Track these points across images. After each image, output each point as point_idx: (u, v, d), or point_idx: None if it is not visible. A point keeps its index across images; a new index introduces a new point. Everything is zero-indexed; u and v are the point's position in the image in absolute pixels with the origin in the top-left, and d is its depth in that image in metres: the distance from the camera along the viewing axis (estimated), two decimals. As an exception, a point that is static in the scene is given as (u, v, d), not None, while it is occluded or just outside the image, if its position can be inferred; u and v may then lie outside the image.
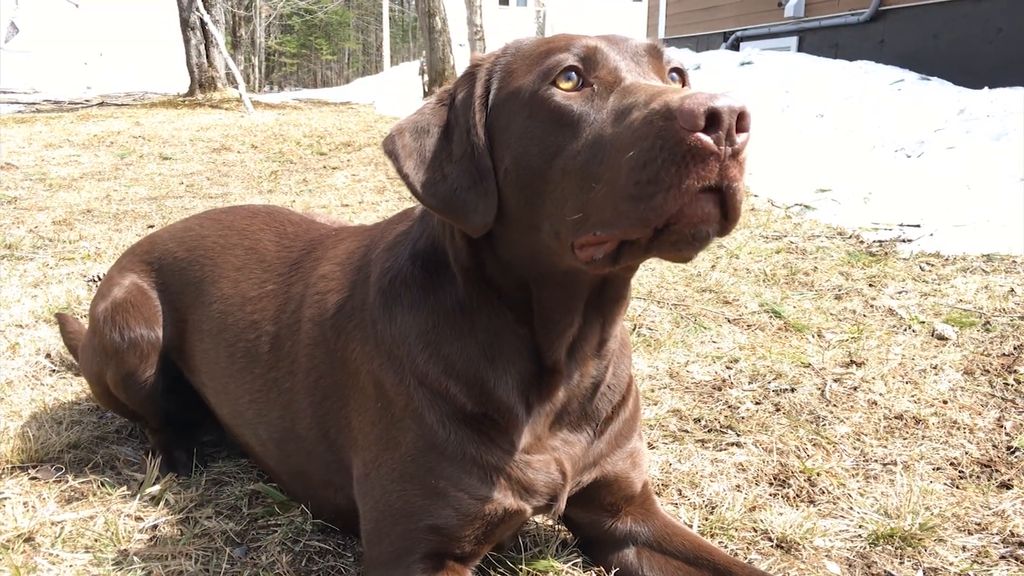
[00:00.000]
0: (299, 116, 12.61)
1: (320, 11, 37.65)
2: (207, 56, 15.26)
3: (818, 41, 10.95)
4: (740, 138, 0.96)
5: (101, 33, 26.23)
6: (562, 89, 1.13)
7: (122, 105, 15.63)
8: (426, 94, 19.21)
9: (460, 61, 20.16)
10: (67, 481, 1.72)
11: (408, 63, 28.45)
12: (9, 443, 1.84)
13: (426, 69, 19.48)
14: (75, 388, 2.24)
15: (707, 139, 0.93)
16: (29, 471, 1.76)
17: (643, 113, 1.00)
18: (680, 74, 1.24)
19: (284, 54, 42.76)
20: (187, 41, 14.98)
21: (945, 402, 2.27)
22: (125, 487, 1.72)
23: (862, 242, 4.36)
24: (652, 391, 2.32)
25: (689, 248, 1.01)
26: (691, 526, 1.61)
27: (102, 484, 1.72)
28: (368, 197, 5.82)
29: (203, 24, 14.89)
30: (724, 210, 0.98)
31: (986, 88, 6.84)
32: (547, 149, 1.11)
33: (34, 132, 10.18)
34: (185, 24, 14.94)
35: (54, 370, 2.41)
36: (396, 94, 21.60)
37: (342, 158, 8.01)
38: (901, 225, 4.52)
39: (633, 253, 1.04)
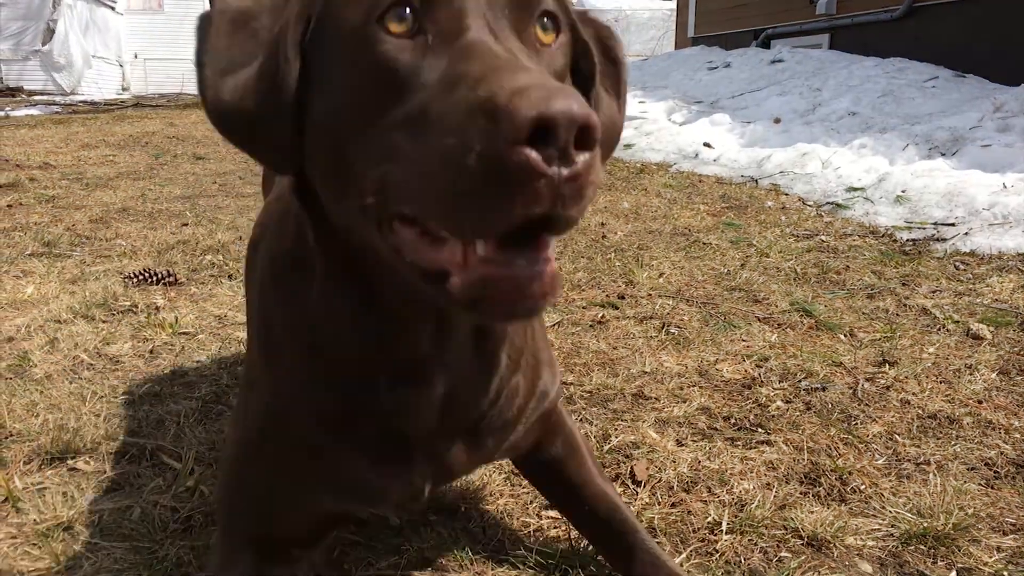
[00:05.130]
0: (329, 116, 12.71)
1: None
2: (239, 57, 15.46)
3: (850, 38, 10.82)
4: (580, 158, 0.74)
5: (136, 35, 26.63)
6: (391, 33, 0.88)
7: (156, 106, 15.89)
8: (455, 94, 19.24)
9: (489, 61, 20.21)
10: (105, 472, 1.76)
11: (437, 63, 28.64)
12: (49, 435, 1.88)
13: (455, 69, 19.53)
14: (112, 382, 2.28)
15: (535, 157, 0.72)
16: (68, 461, 1.80)
17: (468, 99, 0.77)
18: (555, 20, 0.98)
19: (314, 55, 43.07)
20: (219, 43, 15.20)
21: (980, 402, 2.24)
22: (161, 479, 1.75)
23: (895, 241, 4.31)
24: (681, 389, 2.31)
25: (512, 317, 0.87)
26: (720, 523, 1.61)
27: (138, 475, 1.75)
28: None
29: (235, 26, 15.07)
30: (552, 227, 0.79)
31: (1023, 85, 6.72)
32: (366, 108, 0.89)
33: (71, 133, 10.36)
34: (218, 26, 15.15)
35: (91, 365, 2.45)
36: (425, 94, 21.68)
37: (371, 158, 8.07)
38: (935, 224, 4.46)
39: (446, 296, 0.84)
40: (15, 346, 2.65)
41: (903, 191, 4.99)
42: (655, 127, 8.06)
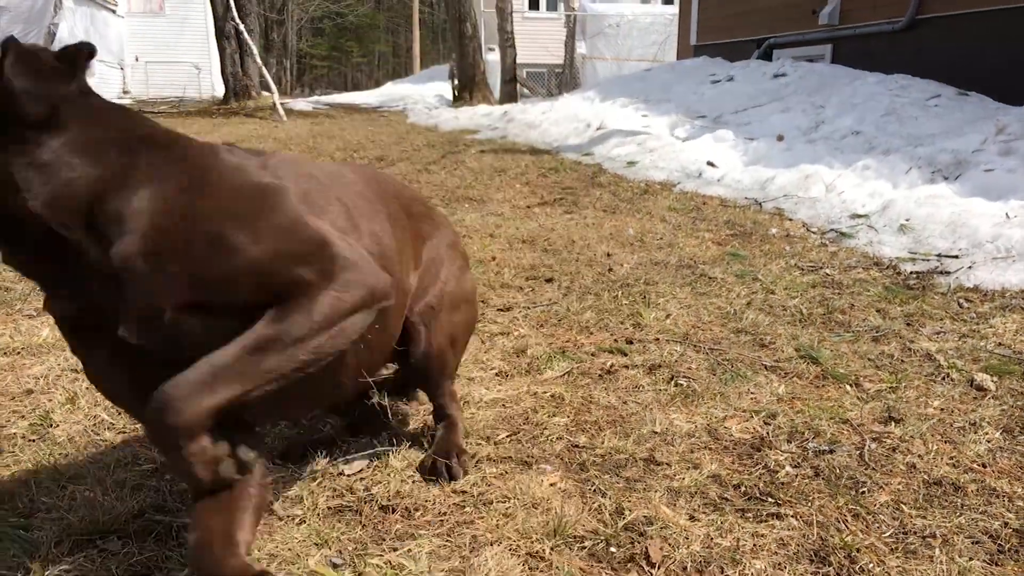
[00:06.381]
0: (332, 126, 12.75)
1: (351, 14, 37.99)
2: (242, 65, 15.51)
3: (853, 49, 10.85)
4: None
5: (137, 38, 26.63)
6: None
7: (159, 114, 15.91)
8: (455, 98, 19.33)
9: (491, 66, 20.26)
10: (134, 554, 1.80)
11: (439, 66, 28.69)
12: (77, 512, 1.93)
13: (456, 74, 19.60)
14: (133, 447, 2.33)
15: None
16: (97, 543, 1.85)
17: None
18: None
19: (315, 57, 43.17)
20: (222, 50, 15.25)
21: (984, 465, 2.29)
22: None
23: (899, 273, 4.35)
24: (691, 452, 2.36)
25: None
26: (734, 610, 1.66)
27: (166, 558, 1.80)
28: (403, 220, 5.87)
29: (238, 33, 15.12)
30: None
31: (1025, 105, 6.74)
32: None
33: (76, 145, 10.36)
34: (220, 33, 15.19)
35: (111, 424, 2.50)
36: (427, 98, 21.76)
37: (376, 174, 8.10)
38: (939, 256, 4.50)
39: None
40: (35, 400, 2.70)
41: (907, 220, 5.03)
42: (659, 143, 8.11)
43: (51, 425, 2.48)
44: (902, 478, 2.22)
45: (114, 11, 25.82)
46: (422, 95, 22.42)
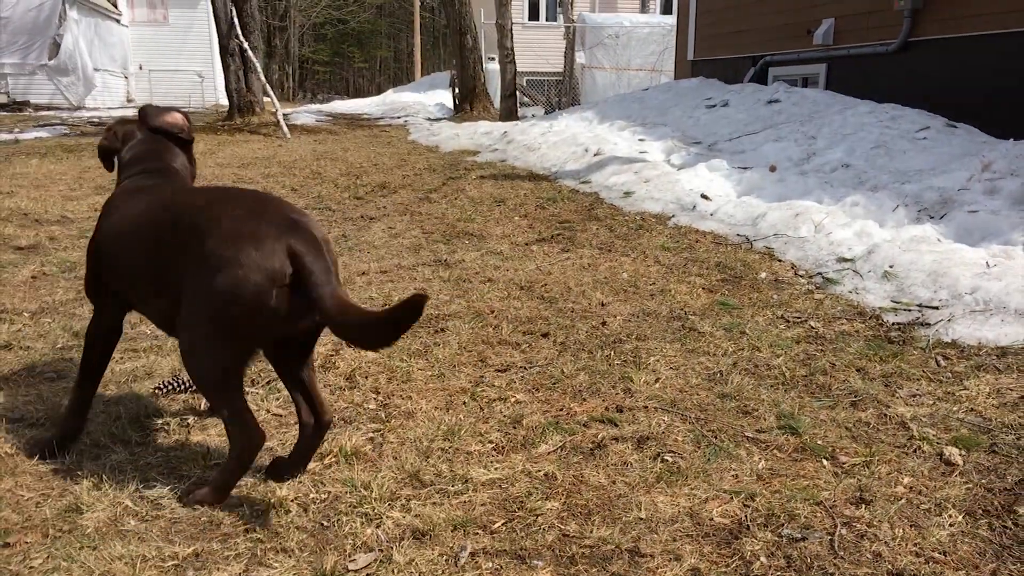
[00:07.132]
0: (335, 145, 12.93)
1: (353, 20, 38.21)
2: (246, 82, 15.71)
3: (847, 70, 11.02)
4: None
5: (141, 47, 26.82)
6: None
7: (163, 129, 16.12)
8: (457, 109, 19.51)
9: (491, 75, 20.45)
10: (163, 662, 1.99)
11: (440, 73, 28.94)
12: (110, 617, 2.11)
13: (457, 84, 19.79)
14: (157, 541, 2.51)
15: None
16: (129, 649, 2.03)
17: None
18: None
19: (317, 62, 43.50)
20: (226, 67, 15.46)
21: (944, 554, 2.47)
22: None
23: (882, 324, 4.53)
24: (674, 540, 2.54)
25: None
26: None
27: (193, 665, 1.98)
28: (405, 259, 6.06)
29: (242, 51, 15.32)
30: None
31: (1012, 140, 6.89)
32: None
33: (83, 168, 10.57)
34: (225, 51, 15.40)
35: (135, 511, 2.68)
36: (428, 107, 21.97)
37: (379, 204, 8.29)
38: (920, 306, 4.68)
39: None
40: (61, 482, 2.88)
41: (891, 266, 5.21)
42: (655, 172, 8.28)
43: (79, 514, 2.66)
44: (868, 568, 2.40)
45: (118, 20, 26.01)
46: (423, 104, 22.67)
